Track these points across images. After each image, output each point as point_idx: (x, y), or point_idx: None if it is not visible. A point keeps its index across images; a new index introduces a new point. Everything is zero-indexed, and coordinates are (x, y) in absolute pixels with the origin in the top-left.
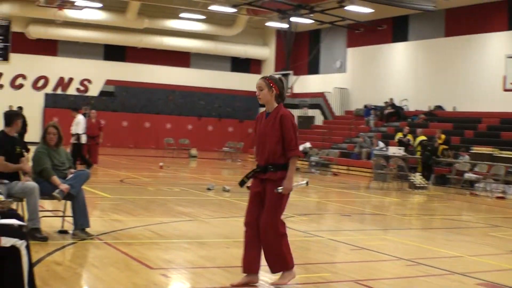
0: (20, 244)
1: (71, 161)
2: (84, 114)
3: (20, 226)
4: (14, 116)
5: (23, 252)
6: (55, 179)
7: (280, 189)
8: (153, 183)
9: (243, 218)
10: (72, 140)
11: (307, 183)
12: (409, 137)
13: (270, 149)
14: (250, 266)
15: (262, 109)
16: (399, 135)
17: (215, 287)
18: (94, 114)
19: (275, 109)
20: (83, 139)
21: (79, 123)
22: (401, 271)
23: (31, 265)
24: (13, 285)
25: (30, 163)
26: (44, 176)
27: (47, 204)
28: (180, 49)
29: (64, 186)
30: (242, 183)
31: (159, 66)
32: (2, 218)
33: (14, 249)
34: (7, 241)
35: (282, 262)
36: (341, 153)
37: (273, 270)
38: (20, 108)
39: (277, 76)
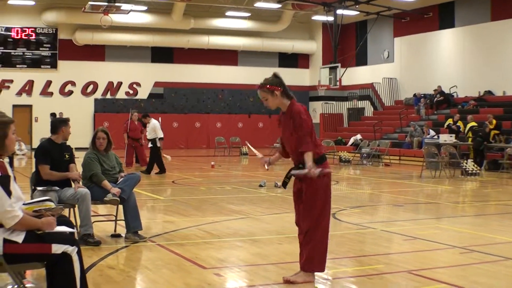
0: (71, 250)
1: (121, 165)
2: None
3: (71, 232)
4: (60, 123)
5: (75, 258)
6: (106, 183)
7: (295, 172)
8: (204, 183)
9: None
10: (149, 144)
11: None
12: (460, 123)
13: (295, 148)
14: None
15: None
16: (449, 122)
17: (269, 284)
18: (136, 116)
19: (288, 108)
20: (159, 143)
21: (155, 128)
22: (454, 259)
23: (83, 271)
24: None
25: (80, 169)
26: (94, 181)
27: (100, 208)
28: (227, 48)
29: (115, 190)
30: (284, 184)
31: (206, 66)
32: None
33: (66, 256)
34: (58, 248)
35: (312, 263)
36: (392, 143)
37: (303, 268)
38: (60, 114)
39: (270, 76)
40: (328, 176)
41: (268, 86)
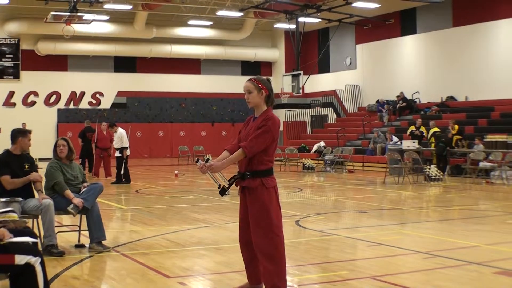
0: (35, 261)
1: (84, 175)
2: (91, 129)
3: (34, 243)
4: (18, 134)
5: (38, 268)
6: (69, 193)
7: (201, 161)
8: (168, 192)
9: None
10: (117, 154)
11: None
12: (422, 129)
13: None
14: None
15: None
16: (411, 128)
17: None
18: (105, 126)
19: (263, 113)
20: (128, 153)
21: (122, 137)
22: (418, 265)
23: (47, 282)
24: None
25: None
26: (57, 190)
27: (64, 219)
28: (189, 56)
29: (77, 200)
30: (222, 192)
31: (169, 75)
32: (16, 236)
33: (29, 266)
34: (21, 259)
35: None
36: (355, 150)
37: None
38: (23, 125)
39: (264, 77)
40: (274, 190)
41: (259, 82)
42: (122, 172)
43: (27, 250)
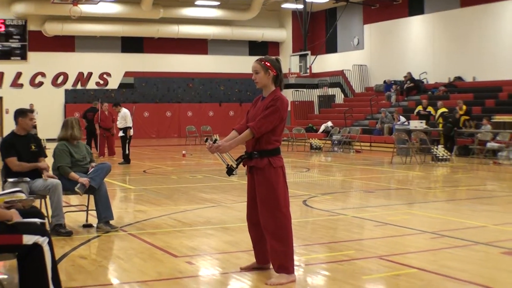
0: (42, 241)
1: (92, 154)
2: (94, 109)
3: (42, 223)
4: (17, 114)
5: (46, 248)
6: (73, 174)
7: (210, 140)
8: (176, 172)
9: None
10: (120, 133)
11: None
12: (430, 109)
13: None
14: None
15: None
16: (419, 108)
17: (241, 271)
18: (106, 106)
19: (271, 93)
20: (131, 132)
21: (126, 117)
22: (425, 244)
23: (55, 261)
24: (37, 282)
25: (52, 160)
26: (62, 174)
27: (72, 199)
28: (197, 37)
29: (83, 180)
30: (229, 172)
31: (177, 55)
32: (24, 216)
33: (37, 246)
34: (29, 239)
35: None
36: (363, 130)
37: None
38: (31, 105)
39: (273, 57)
40: (281, 170)
41: (267, 62)
42: (126, 152)
43: (35, 230)
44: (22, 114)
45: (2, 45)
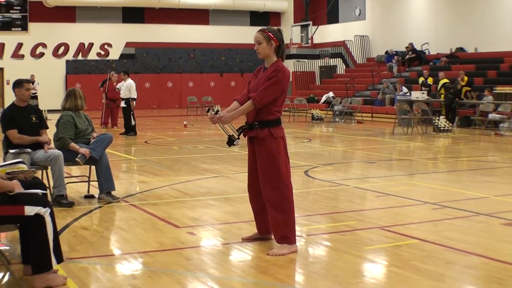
0: (44, 211)
1: (91, 122)
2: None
3: (43, 194)
4: (14, 86)
5: (48, 219)
6: (74, 145)
7: (212, 111)
8: (177, 142)
9: None
10: (122, 104)
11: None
12: (430, 80)
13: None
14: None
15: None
16: (421, 79)
17: (242, 242)
18: (115, 77)
19: (273, 64)
20: (133, 105)
21: (131, 87)
22: (426, 215)
23: (56, 232)
24: (39, 253)
25: (54, 130)
26: (62, 144)
27: (73, 170)
28: (198, 7)
29: (84, 150)
30: (230, 142)
31: (178, 26)
32: (25, 187)
33: (39, 217)
34: (31, 210)
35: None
36: (364, 101)
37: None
38: (32, 76)
39: (275, 28)
40: (282, 140)
41: (269, 32)
42: (133, 123)
43: (37, 201)
44: (18, 84)
45: (3, 16)
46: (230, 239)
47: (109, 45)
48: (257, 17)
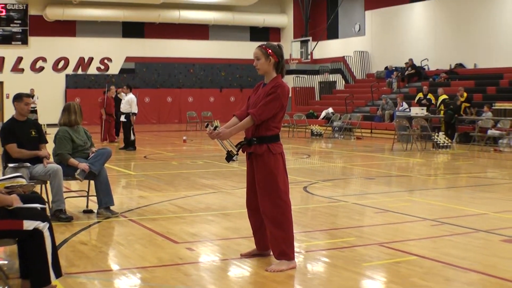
0: (43, 226)
1: (91, 138)
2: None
3: (42, 208)
4: (13, 99)
5: (46, 234)
6: (73, 160)
7: (210, 126)
8: (176, 157)
9: None
10: (122, 118)
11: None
12: (430, 96)
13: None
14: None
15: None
16: (419, 96)
17: (241, 257)
18: (113, 91)
19: (272, 80)
20: (133, 119)
21: (132, 102)
22: (425, 232)
23: (55, 247)
24: (38, 267)
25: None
26: (61, 160)
27: (72, 184)
28: (198, 22)
29: (83, 165)
30: (229, 158)
31: (178, 40)
32: (24, 201)
33: (37, 232)
34: (29, 224)
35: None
36: (363, 117)
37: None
38: (31, 90)
39: (275, 43)
40: (280, 156)
41: (268, 48)
42: (133, 138)
43: (36, 216)
44: (17, 99)
45: (3, 29)
46: (229, 255)
47: (109, 59)
48: (257, 33)
